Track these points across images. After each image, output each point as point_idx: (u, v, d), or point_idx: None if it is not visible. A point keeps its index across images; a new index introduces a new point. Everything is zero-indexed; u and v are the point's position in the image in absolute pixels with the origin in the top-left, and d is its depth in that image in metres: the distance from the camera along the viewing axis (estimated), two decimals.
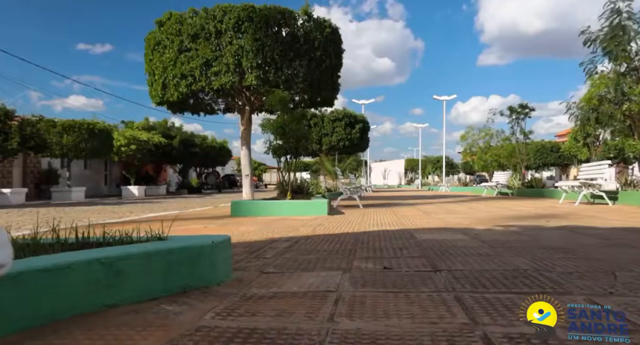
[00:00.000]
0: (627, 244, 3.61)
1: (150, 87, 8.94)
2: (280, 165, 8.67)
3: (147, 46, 8.86)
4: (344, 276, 2.43)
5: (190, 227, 5.46)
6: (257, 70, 7.94)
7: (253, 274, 2.53)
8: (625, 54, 9.33)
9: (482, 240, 3.81)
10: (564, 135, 28.46)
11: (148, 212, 9.16)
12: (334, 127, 19.74)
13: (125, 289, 1.86)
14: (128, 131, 23.81)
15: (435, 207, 9.34)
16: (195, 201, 15.32)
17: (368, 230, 4.83)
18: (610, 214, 6.84)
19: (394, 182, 51.67)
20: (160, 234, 2.36)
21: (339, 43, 9.47)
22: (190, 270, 2.15)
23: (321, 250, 3.42)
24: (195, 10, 8.19)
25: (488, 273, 2.42)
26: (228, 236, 2.49)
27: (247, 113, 9.37)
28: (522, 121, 17.37)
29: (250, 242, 3.92)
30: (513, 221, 5.73)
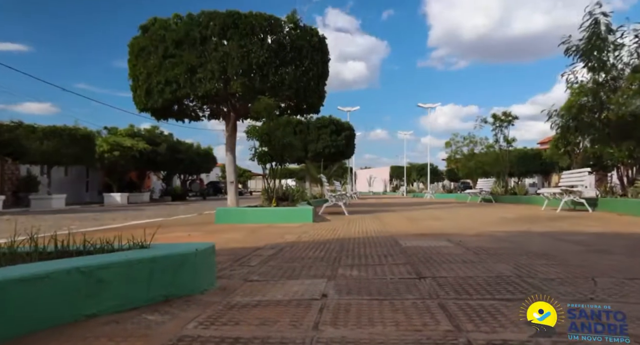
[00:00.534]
0: (607, 250, 3.68)
1: (134, 93, 8.85)
2: (266, 172, 8.64)
3: (130, 52, 8.78)
4: (328, 284, 2.42)
5: (173, 235, 5.39)
6: (243, 77, 7.93)
7: (237, 282, 2.51)
8: (603, 64, 9.58)
9: (466, 247, 3.84)
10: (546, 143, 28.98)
11: (131, 220, 9.03)
12: (319, 134, 19.78)
13: (105, 299, 1.83)
14: (111, 137, 23.52)
15: (419, 214, 9.40)
16: (179, 208, 15.16)
17: (353, 238, 4.83)
18: (590, 220, 6.97)
19: (379, 189, 51.92)
20: (142, 242, 2.32)
21: (326, 51, 9.53)
22: (173, 278, 2.12)
23: (306, 258, 3.41)
24: (179, 16, 8.16)
25: (472, 280, 2.44)
26: (212, 244, 2.47)
27: (232, 120, 9.33)
28: (506, 129, 17.67)
29: (235, 250, 3.89)
30: (496, 228, 5.79)
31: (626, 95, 8.84)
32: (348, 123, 21.98)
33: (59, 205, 17.90)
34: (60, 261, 1.88)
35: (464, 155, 22.93)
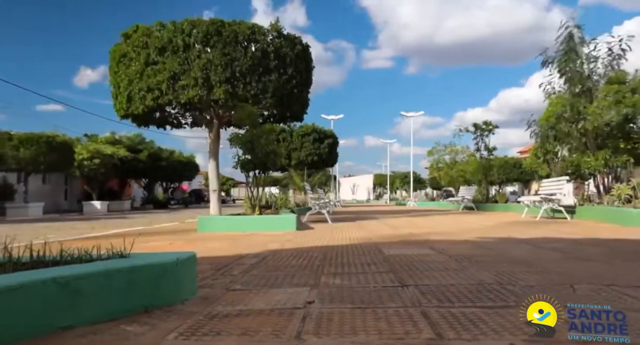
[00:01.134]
0: (584, 257, 3.75)
1: (115, 99, 8.74)
2: (249, 180, 8.59)
3: (112, 58, 8.68)
4: (311, 292, 2.41)
5: (154, 244, 5.30)
6: (226, 85, 7.91)
7: (219, 292, 2.47)
8: (580, 76, 9.85)
9: (448, 255, 3.87)
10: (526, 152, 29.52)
11: (111, 229, 8.86)
12: (302, 142, 19.80)
13: (82, 310, 1.78)
14: (92, 145, 23.12)
15: (403, 222, 9.45)
16: (161, 217, 14.94)
17: (336, 246, 4.82)
18: (569, 228, 7.10)
19: (362, 197, 52.09)
20: (122, 251, 2.28)
21: (309, 60, 9.57)
22: (154, 288, 2.08)
23: (289, 266, 3.39)
24: (162, 23, 8.11)
25: (454, 287, 2.46)
26: (194, 253, 2.44)
27: (215, 127, 9.28)
28: (486, 137, 17.95)
29: (217, 259, 3.84)
30: (477, 235, 5.86)
31: (601, 106, 9.08)
32: (331, 131, 22.07)
33: (36, 214, 17.46)
34: (35, 271, 1.83)
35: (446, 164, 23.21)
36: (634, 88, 9.07)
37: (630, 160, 9.12)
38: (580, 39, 9.84)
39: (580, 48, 9.86)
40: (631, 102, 8.81)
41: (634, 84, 9.13)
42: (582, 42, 9.86)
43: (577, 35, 9.86)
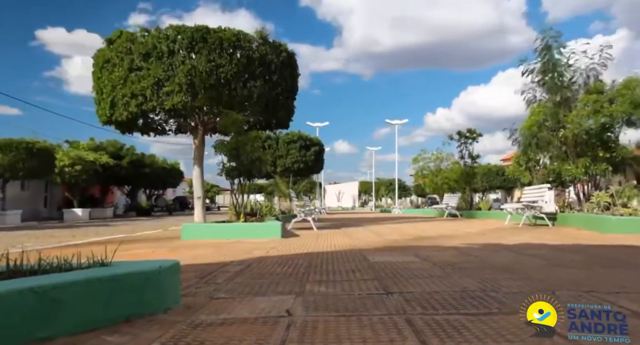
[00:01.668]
0: (565, 264, 3.81)
1: (98, 105, 8.62)
2: (234, 188, 8.54)
3: (95, 64, 8.58)
4: (296, 300, 2.40)
5: (137, 252, 5.22)
6: (211, 91, 7.87)
7: (202, 300, 2.45)
8: (559, 85, 10.06)
9: (432, 262, 3.89)
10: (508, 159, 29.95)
11: (92, 236, 8.70)
12: (288, 149, 19.79)
13: (61, 320, 1.74)
14: (73, 151, 22.73)
15: (388, 229, 9.48)
16: (144, 224, 14.73)
17: (321, 253, 4.81)
18: (550, 235, 7.21)
19: (348, 205, 52.15)
20: (103, 259, 2.23)
21: (295, 67, 9.60)
22: (136, 297, 2.05)
23: (274, 274, 3.37)
24: (147, 29, 8.05)
25: (438, 295, 2.47)
26: (177, 261, 2.41)
27: (200, 134, 9.21)
28: (470, 145, 18.18)
29: (201, 267, 3.80)
30: (461, 242, 5.90)
31: (580, 115, 9.28)
32: (317, 138, 22.11)
33: (14, 222, 17.05)
34: (12, 281, 1.78)
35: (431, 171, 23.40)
36: (612, 98, 9.30)
37: (609, 168, 9.33)
38: (558, 50, 10.05)
39: (559, 58, 10.07)
40: (609, 111, 9.04)
41: (611, 94, 9.37)
42: (561, 52, 10.07)
43: (555, 46, 10.07)
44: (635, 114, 8.93)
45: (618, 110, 8.93)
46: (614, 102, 9.23)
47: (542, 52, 10.14)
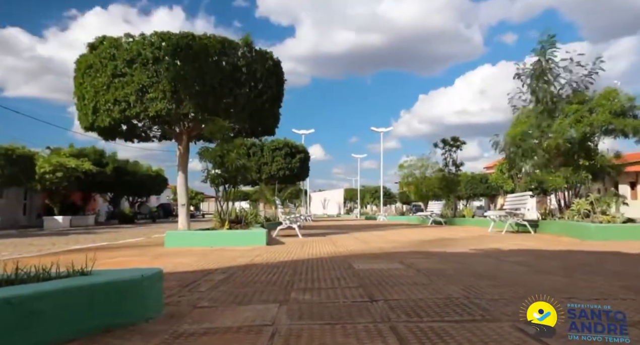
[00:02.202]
0: (546, 270, 3.86)
1: (80, 111, 8.51)
2: (219, 195, 8.48)
3: (77, 69, 8.47)
4: (280, 309, 2.38)
5: (119, 260, 5.13)
6: (196, 98, 7.83)
7: (185, 309, 2.41)
8: (549, 95, 10.17)
9: (417, 269, 3.90)
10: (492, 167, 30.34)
11: (73, 244, 8.53)
12: (273, 156, 19.72)
13: (38, 332, 1.70)
14: (54, 157, 22.31)
15: (373, 236, 9.50)
16: (127, 232, 14.50)
17: (307, 261, 4.79)
18: (532, 242, 7.31)
19: (333, 212, 52.12)
20: (83, 268, 2.19)
21: (281, 74, 9.61)
22: (116, 307, 2.01)
23: (258, 282, 3.34)
24: (131, 35, 7.99)
25: (422, 302, 2.48)
26: (159, 269, 2.37)
27: (184, 141, 9.13)
28: (455, 153, 18.38)
29: (185, 275, 3.75)
30: (446, 249, 5.95)
31: (564, 124, 9.45)
32: (303, 145, 22.12)
33: None
34: None
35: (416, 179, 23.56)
36: (592, 108, 9.51)
37: (588, 176, 9.51)
38: (551, 60, 10.12)
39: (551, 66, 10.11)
40: (589, 121, 9.23)
41: (591, 104, 9.57)
42: (554, 62, 10.12)
43: (549, 55, 10.11)
44: (614, 123, 9.13)
45: (598, 119, 9.13)
46: (594, 112, 9.43)
47: (537, 60, 10.17)
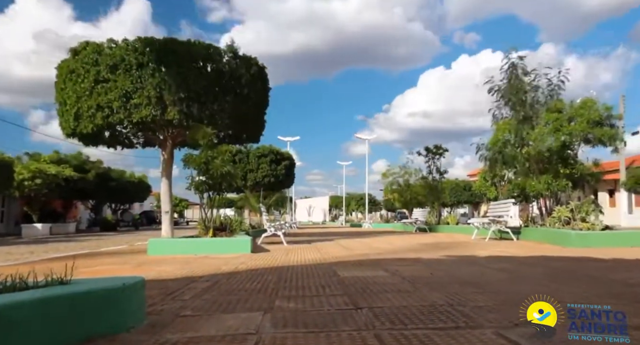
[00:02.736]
0: (528, 277, 3.91)
1: (61, 117, 8.37)
2: (203, 202, 8.40)
3: (59, 74, 8.34)
4: (265, 317, 2.36)
5: (100, 268, 5.03)
6: (180, 104, 7.77)
7: (168, 318, 2.38)
8: (522, 103, 10.47)
9: (401, 276, 3.92)
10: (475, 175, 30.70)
11: (52, 253, 8.34)
12: (259, 163, 19.65)
13: (15, 343, 1.65)
14: (33, 164, 21.87)
15: (358, 243, 9.51)
16: (109, 240, 14.24)
17: (291, 268, 4.77)
18: (514, 248, 7.40)
19: (318, 219, 52.06)
20: (62, 277, 2.14)
21: (266, 81, 9.61)
22: (97, 316, 1.97)
23: (242, 290, 3.31)
24: (114, 40, 7.92)
25: (406, 309, 2.48)
26: (141, 277, 2.34)
27: (168, 148, 9.05)
28: (438, 161, 18.57)
29: (167, 283, 3.70)
30: (430, 256, 5.98)
31: (542, 133, 9.65)
32: (288, 152, 22.10)
33: None
34: None
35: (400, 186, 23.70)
36: (571, 117, 9.72)
37: (569, 184, 9.69)
38: (523, 69, 10.53)
39: (522, 78, 10.53)
40: (568, 130, 9.43)
41: (570, 113, 9.79)
42: (524, 72, 10.54)
43: (519, 65, 10.55)
44: (592, 132, 9.34)
45: (577, 128, 9.34)
46: (573, 121, 9.65)
47: (508, 71, 10.59)
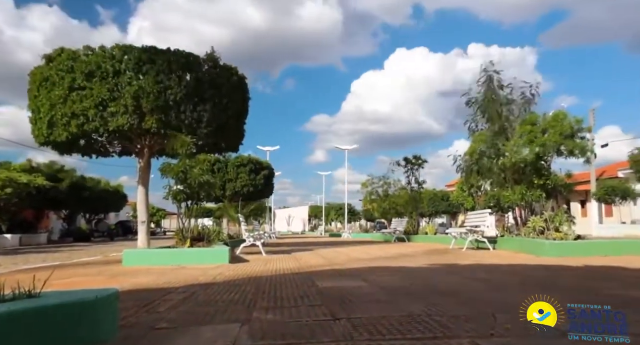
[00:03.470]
0: (504, 286, 3.97)
1: (34, 125, 8.15)
2: (181, 212, 8.28)
3: (32, 81, 8.14)
4: (242, 328, 2.33)
5: (72, 280, 4.89)
6: (158, 113, 7.67)
7: (142, 331, 2.32)
8: (498, 116, 10.73)
9: (380, 286, 3.92)
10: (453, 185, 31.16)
11: (22, 264, 8.08)
12: (238, 172, 19.51)
13: None
14: (3, 173, 21.19)
15: (337, 253, 9.50)
16: (82, 250, 13.87)
17: (270, 279, 4.73)
18: (491, 258, 7.51)
19: (298, 229, 51.87)
20: (31, 289, 2.07)
21: (246, 90, 9.59)
22: (67, 331, 1.91)
23: (220, 301, 3.26)
24: (90, 47, 7.79)
25: (385, 320, 2.48)
26: (115, 289, 2.28)
27: (145, 156, 8.90)
28: (417, 171, 18.79)
29: (142, 294, 3.62)
30: (409, 265, 6.02)
31: (517, 144, 9.89)
32: (267, 162, 22.02)
33: None
34: None
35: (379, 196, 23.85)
36: (544, 129, 9.99)
37: (542, 194, 9.92)
38: (499, 82, 10.81)
39: (498, 91, 10.81)
40: (541, 141, 9.69)
41: (543, 125, 10.06)
42: (500, 85, 10.83)
43: (495, 79, 10.84)
44: (564, 143, 9.62)
45: (550, 140, 9.60)
46: (546, 133, 9.92)
47: (484, 84, 10.85)
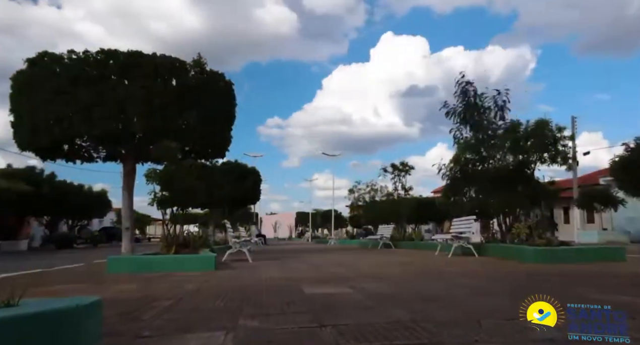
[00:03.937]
0: (489, 292, 4.01)
1: (16, 130, 8.04)
2: (166, 218, 8.20)
3: (13, 86, 8.03)
4: (228, 336, 2.31)
5: (54, 289, 4.80)
6: (144, 118, 7.62)
7: (126, 340, 2.29)
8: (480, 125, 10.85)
9: (366, 293, 3.92)
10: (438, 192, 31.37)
11: (0, 272, 7.88)
12: (225, 178, 19.41)
13: None
14: None
15: (323, 260, 9.48)
16: (64, 258, 13.59)
17: (256, 286, 4.70)
18: (475, 265, 7.57)
19: (284, 235, 51.71)
20: (9, 298, 2.02)
21: (232, 96, 9.59)
22: (47, 341, 1.87)
23: (205, 309, 3.23)
24: (74, 51, 7.72)
25: (371, 326, 2.48)
26: (98, 298, 2.24)
27: (130, 162, 8.82)
28: (403, 178, 18.96)
29: (127, 302, 3.57)
30: (395, 272, 6.03)
31: (501, 151, 10.03)
32: (254, 168, 21.96)
33: None
34: None
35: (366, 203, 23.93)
36: (527, 137, 10.15)
37: (526, 201, 10.06)
38: (475, 94, 10.96)
39: (475, 101, 10.94)
40: (525, 149, 9.84)
41: (527, 134, 10.23)
42: (476, 95, 10.97)
43: (471, 90, 10.99)
44: (547, 151, 9.79)
45: (533, 148, 9.76)
46: (529, 141, 10.08)
47: (461, 95, 10.99)
